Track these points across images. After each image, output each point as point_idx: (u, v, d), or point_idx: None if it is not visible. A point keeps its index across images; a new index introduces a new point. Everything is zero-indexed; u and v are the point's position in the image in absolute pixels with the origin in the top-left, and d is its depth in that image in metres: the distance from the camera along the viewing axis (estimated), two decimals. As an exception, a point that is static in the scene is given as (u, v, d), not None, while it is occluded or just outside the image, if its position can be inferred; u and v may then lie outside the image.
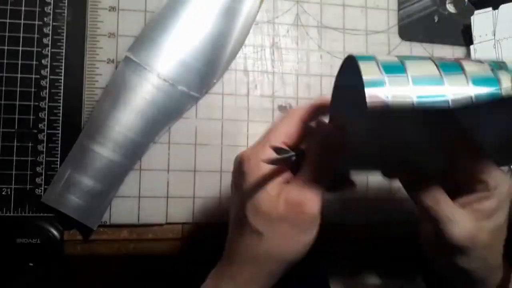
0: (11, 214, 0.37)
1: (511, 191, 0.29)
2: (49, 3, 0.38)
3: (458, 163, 0.29)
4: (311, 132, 0.30)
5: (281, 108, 0.41)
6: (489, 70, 0.24)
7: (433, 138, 0.29)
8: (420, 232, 0.32)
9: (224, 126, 0.40)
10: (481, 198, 0.28)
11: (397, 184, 0.30)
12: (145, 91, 0.38)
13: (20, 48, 0.37)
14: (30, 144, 0.37)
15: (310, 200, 0.27)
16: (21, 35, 0.37)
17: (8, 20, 0.37)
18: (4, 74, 0.37)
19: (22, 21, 0.38)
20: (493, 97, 0.23)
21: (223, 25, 0.40)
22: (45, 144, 0.37)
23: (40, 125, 0.37)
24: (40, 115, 0.37)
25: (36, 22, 0.38)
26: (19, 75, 0.37)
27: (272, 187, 0.28)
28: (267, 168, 0.28)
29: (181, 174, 0.39)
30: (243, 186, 0.28)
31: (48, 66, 0.38)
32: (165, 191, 0.39)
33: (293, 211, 0.27)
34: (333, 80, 0.27)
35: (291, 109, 0.30)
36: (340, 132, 0.28)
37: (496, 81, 0.23)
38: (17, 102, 0.37)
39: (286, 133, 0.29)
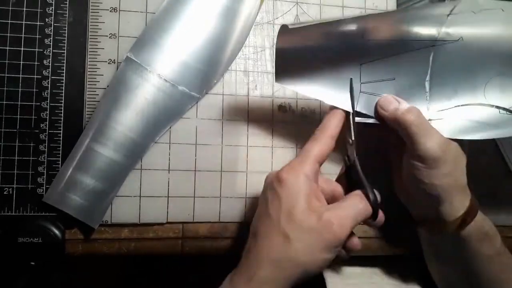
0: (13, 213, 0.37)
1: None
2: (51, 4, 0.38)
3: None
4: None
5: (281, 108, 0.42)
6: None
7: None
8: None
9: (224, 126, 0.41)
10: None
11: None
12: (146, 91, 0.38)
13: (22, 49, 0.38)
14: (32, 144, 0.37)
15: (342, 226, 0.30)
16: (23, 35, 0.38)
17: (9, 21, 0.38)
18: (6, 75, 0.37)
19: (24, 22, 0.38)
20: None
21: (224, 26, 0.40)
22: (46, 144, 0.38)
23: (41, 125, 0.38)
24: (42, 115, 0.38)
25: (38, 23, 0.38)
26: (20, 76, 0.37)
27: (310, 201, 0.31)
28: (306, 182, 0.31)
29: (181, 174, 0.40)
30: (281, 193, 0.31)
31: (50, 67, 0.38)
32: (166, 190, 0.39)
33: (324, 226, 0.30)
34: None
35: (325, 123, 0.34)
36: None
37: None
38: (19, 102, 0.37)
39: (321, 155, 0.33)
